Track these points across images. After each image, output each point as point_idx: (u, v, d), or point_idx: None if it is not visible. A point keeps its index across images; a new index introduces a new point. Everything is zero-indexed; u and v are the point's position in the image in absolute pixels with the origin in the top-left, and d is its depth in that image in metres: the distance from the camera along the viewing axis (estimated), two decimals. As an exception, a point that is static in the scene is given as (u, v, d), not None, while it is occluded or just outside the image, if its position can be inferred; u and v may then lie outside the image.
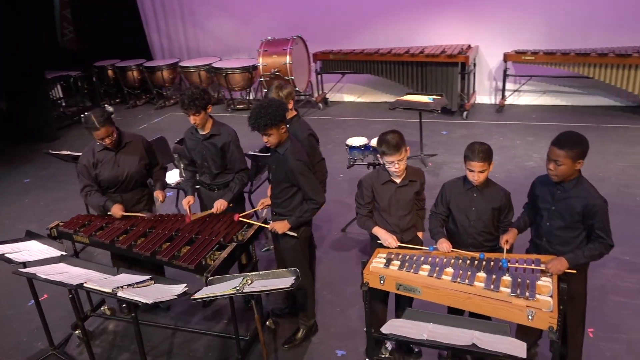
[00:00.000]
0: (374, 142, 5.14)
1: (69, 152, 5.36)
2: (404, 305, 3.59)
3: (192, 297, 3.07)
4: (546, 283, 2.87)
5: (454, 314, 3.14)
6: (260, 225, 3.81)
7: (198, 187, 4.33)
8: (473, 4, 8.49)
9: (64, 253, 3.70)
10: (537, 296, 2.76)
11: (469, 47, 8.40)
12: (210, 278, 3.23)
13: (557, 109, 8.37)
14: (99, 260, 4.84)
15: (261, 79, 9.24)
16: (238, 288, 2.98)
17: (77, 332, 4.12)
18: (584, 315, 3.25)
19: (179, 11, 10.56)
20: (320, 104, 9.44)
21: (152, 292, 3.08)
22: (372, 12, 9.05)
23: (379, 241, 3.44)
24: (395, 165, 3.33)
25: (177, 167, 5.48)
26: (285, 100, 4.07)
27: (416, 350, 3.72)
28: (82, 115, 9.49)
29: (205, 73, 9.87)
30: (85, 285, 3.12)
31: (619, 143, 6.79)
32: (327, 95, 9.68)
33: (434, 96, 6.67)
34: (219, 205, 4.00)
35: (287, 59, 8.91)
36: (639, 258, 4.51)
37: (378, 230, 3.45)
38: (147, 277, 3.26)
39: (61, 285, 3.23)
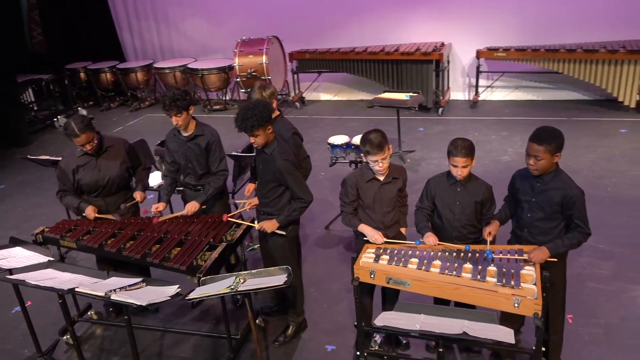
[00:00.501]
0: (355, 140, 5.23)
1: (47, 157, 5.28)
2: (391, 298, 3.67)
3: (187, 298, 3.09)
4: (529, 272, 2.98)
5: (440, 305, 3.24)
6: (249, 225, 3.84)
7: (182, 188, 4.34)
8: (446, 2, 8.63)
9: (52, 258, 3.66)
10: (522, 284, 2.87)
11: (443, 44, 8.54)
12: (202, 278, 3.26)
13: (529, 104, 8.59)
14: (82, 265, 4.79)
15: (237, 79, 9.23)
16: (232, 287, 3.01)
17: (65, 337, 4.11)
18: (564, 301, 3.38)
19: (152, 11, 10.42)
20: (297, 103, 9.48)
21: (145, 294, 3.09)
22: (347, 11, 9.14)
23: (365, 238, 3.49)
24: (380, 163, 3.40)
25: (158, 169, 5.46)
26: (269, 100, 4.11)
27: (404, 342, 3.82)
28: (55, 119, 9.51)
29: (180, 74, 9.79)
30: (77, 289, 3.12)
31: (589, 136, 7.02)
32: (304, 95, 9.72)
33: (411, 93, 6.77)
34: (190, 207, 4.03)
35: (264, 58, 8.91)
36: (612, 246, 4.70)
37: (364, 228, 3.51)
38: (139, 279, 3.28)
39: (52, 291, 3.22)
